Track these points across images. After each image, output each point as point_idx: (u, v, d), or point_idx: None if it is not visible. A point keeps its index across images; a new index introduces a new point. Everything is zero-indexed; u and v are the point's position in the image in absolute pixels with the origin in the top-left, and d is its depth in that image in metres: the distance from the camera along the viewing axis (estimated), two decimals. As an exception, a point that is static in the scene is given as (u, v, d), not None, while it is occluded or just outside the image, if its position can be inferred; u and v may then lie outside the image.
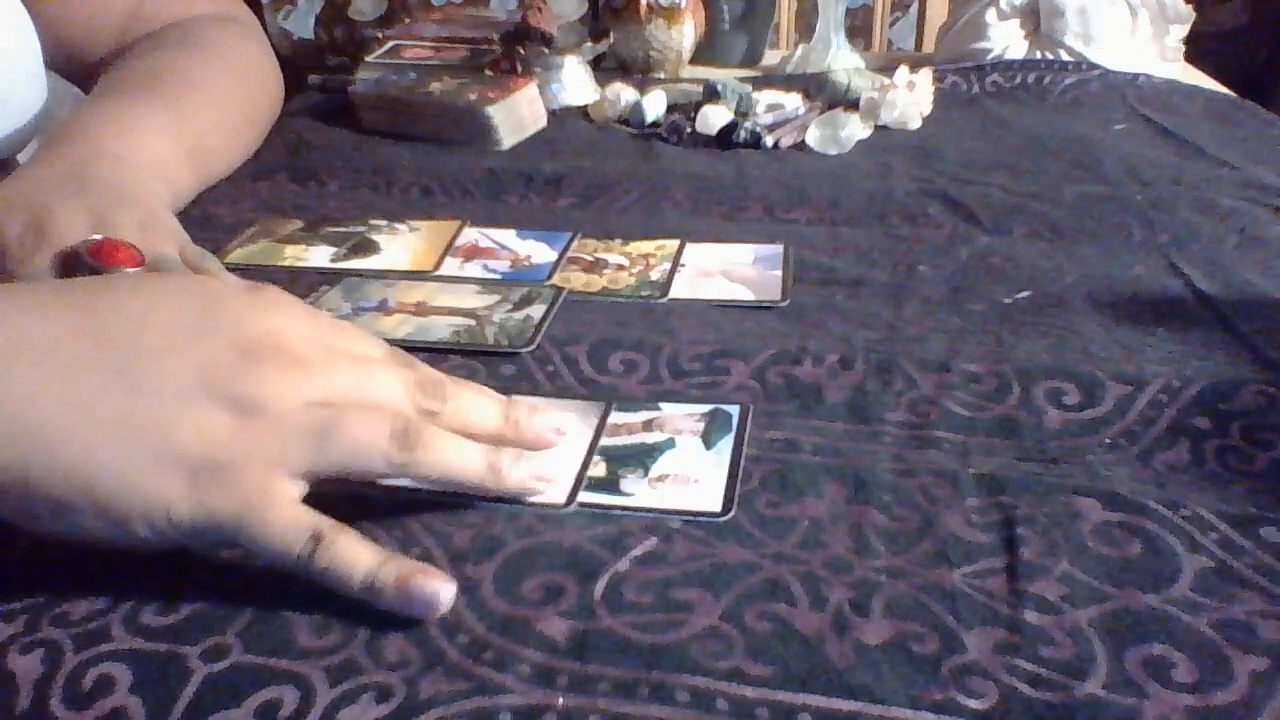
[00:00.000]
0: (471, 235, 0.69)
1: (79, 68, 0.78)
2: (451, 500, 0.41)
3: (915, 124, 0.95)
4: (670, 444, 0.45)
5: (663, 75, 1.14)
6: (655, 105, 0.97)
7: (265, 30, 0.91)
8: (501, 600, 0.36)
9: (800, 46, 1.22)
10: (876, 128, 0.94)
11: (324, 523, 0.36)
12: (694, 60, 1.19)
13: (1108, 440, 0.46)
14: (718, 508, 0.41)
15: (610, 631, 0.34)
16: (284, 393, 0.36)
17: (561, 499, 0.41)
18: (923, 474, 0.43)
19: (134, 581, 0.36)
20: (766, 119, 0.93)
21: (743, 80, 1.02)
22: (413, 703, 0.32)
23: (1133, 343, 0.54)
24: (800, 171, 0.83)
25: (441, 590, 0.35)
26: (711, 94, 0.96)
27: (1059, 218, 0.72)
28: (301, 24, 2.27)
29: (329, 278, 0.62)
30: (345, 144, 0.91)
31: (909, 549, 0.39)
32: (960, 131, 0.94)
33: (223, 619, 0.35)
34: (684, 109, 0.96)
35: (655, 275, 0.63)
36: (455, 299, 0.59)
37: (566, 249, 0.67)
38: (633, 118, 0.97)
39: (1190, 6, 1.14)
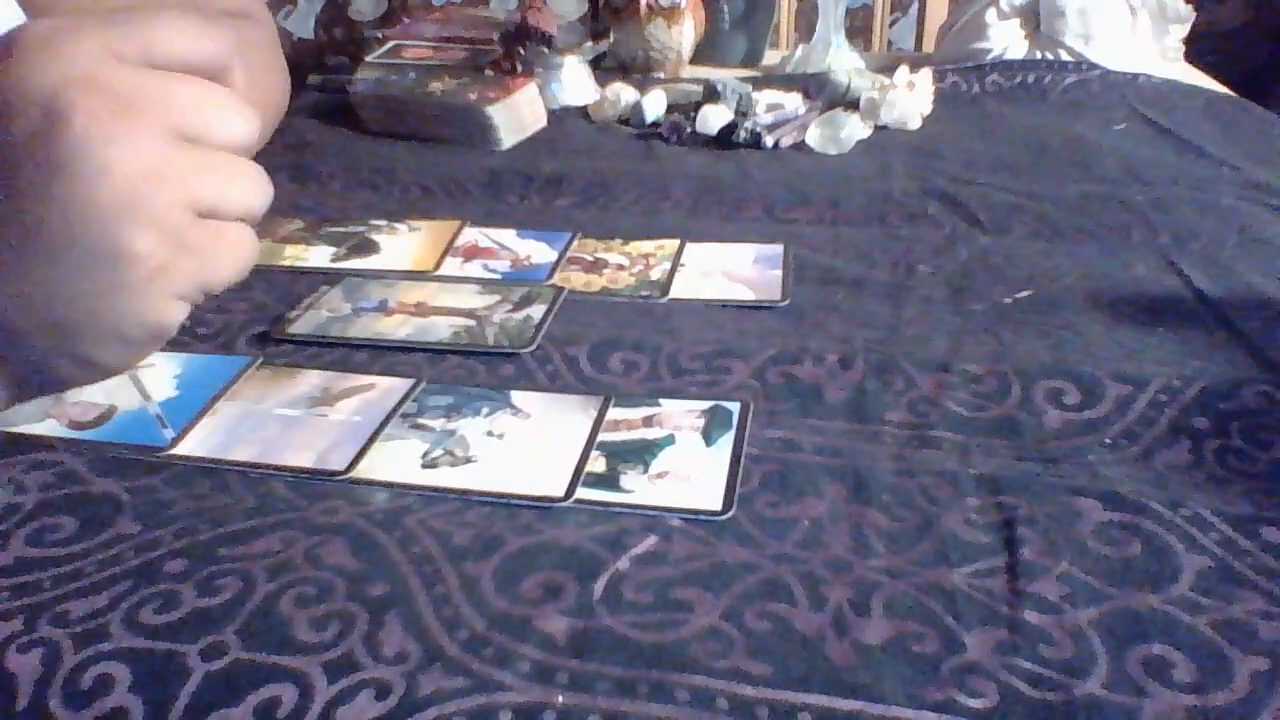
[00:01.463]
0: (471, 235, 0.69)
1: None
2: (452, 498, 0.41)
3: (915, 124, 0.95)
4: (670, 440, 0.45)
5: (663, 75, 1.14)
6: (655, 105, 0.97)
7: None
8: (501, 598, 0.36)
9: (800, 46, 1.22)
10: (876, 128, 0.94)
11: None
12: (694, 60, 1.19)
13: (1108, 440, 0.46)
14: (718, 506, 0.41)
15: (610, 630, 0.34)
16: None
17: (560, 493, 0.41)
18: (923, 474, 0.43)
19: (133, 581, 0.36)
20: (766, 119, 0.93)
21: (743, 80, 1.02)
22: (412, 699, 0.32)
23: (1133, 343, 0.54)
24: (800, 171, 0.83)
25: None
26: (711, 94, 0.96)
27: (1059, 218, 0.72)
28: (301, 24, 2.26)
29: (329, 278, 0.62)
30: (345, 144, 0.91)
31: (909, 549, 0.39)
32: (960, 131, 0.94)
33: (221, 617, 0.35)
34: (684, 109, 0.96)
35: (655, 275, 0.63)
36: (455, 299, 0.59)
37: (566, 249, 0.67)
38: (633, 118, 0.97)
39: (1190, 6, 1.14)
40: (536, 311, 0.57)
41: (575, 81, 1.03)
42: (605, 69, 1.15)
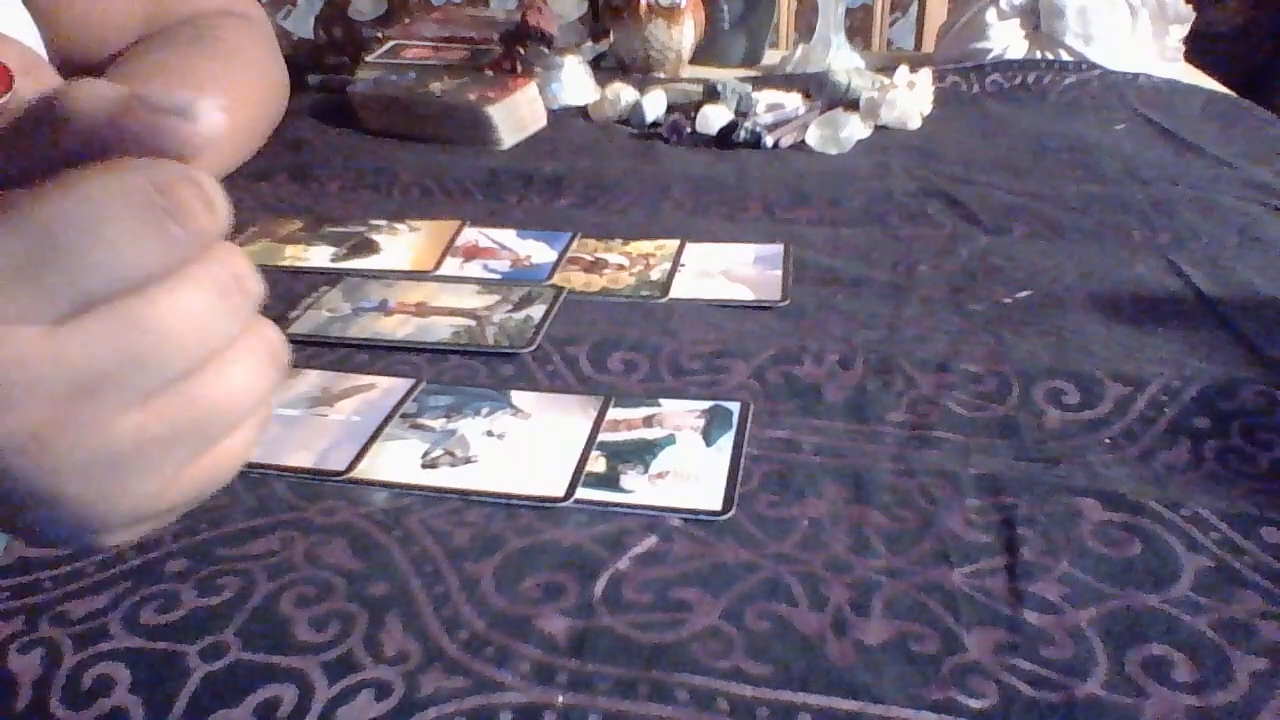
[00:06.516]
0: (471, 235, 0.69)
1: (93, 69, 0.78)
2: (451, 498, 0.41)
3: (915, 124, 0.95)
4: (671, 440, 0.45)
5: (663, 75, 1.14)
6: (655, 105, 0.97)
7: (267, 29, 0.91)
8: (501, 598, 0.36)
9: (800, 46, 1.22)
10: (876, 128, 0.94)
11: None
12: (694, 60, 1.19)
13: (1108, 440, 0.46)
14: (718, 506, 0.41)
15: (610, 630, 0.34)
16: None
17: (560, 493, 0.41)
18: (923, 474, 0.43)
19: (133, 581, 0.36)
20: (766, 119, 0.93)
21: (743, 80, 1.02)
22: (411, 699, 0.32)
23: (1133, 343, 0.54)
24: (800, 171, 0.83)
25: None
26: (711, 94, 0.96)
27: (1059, 218, 0.72)
28: (301, 24, 2.26)
29: (329, 278, 0.62)
30: (345, 144, 0.91)
31: (909, 549, 0.39)
32: (960, 131, 0.94)
33: (221, 617, 0.35)
34: (684, 109, 0.96)
35: (655, 275, 0.63)
36: (455, 299, 0.59)
37: (566, 249, 0.67)
38: (633, 118, 0.97)
39: (1190, 6, 1.14)
40: (536, 311, 0.57)
41: (575, 81, 1.03)
42: (605, 69, 1.15)
